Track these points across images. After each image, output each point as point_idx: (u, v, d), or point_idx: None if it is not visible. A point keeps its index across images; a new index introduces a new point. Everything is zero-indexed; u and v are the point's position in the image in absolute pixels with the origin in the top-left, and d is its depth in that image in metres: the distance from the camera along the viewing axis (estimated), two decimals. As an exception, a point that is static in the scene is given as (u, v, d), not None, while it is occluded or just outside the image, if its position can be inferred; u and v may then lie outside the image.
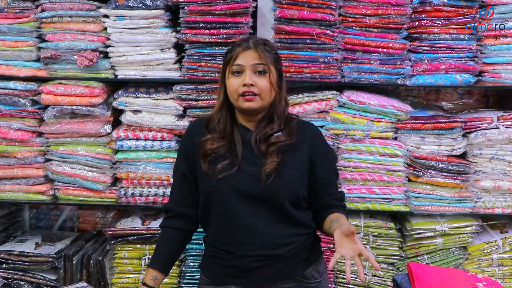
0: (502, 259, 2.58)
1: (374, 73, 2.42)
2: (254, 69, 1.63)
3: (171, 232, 1.79)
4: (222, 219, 1.68)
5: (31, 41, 2.46)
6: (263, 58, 1.63)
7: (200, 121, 1.80)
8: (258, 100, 1.63)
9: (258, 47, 1.64)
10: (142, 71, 2.45)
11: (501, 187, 2.51)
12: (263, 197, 1.64)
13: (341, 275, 2.60)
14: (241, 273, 1.69)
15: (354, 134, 2.46)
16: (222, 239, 1.71)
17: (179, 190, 1.78)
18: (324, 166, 1.75)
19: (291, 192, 1.66)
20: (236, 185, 1.64)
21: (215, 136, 1.69)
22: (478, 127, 2.49)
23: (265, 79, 1.63)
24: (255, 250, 1.66)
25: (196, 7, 2.35)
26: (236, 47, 1.66)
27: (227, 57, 1.68)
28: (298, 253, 1.71)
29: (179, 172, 1.77)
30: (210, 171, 1.66)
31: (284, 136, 1.67)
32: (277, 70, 1.68)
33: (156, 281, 1.75)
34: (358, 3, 2.36)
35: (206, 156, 1.68)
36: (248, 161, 1.66)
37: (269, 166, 1.62)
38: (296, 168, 1.68)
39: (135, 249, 2.57)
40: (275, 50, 1.72)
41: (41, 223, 3.03)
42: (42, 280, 2.57)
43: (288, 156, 1.67)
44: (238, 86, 1.62)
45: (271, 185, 1.63)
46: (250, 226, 1.65)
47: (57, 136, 2.52)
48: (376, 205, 2.51)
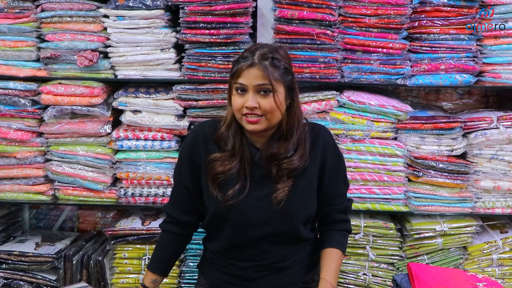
0: (502, 259, 2.58)
1: (374, 73, 2.42)
2: (258, 89, 1.50)
3: (170, 236, 1.75)
4: (229, 239, 1.64)
5: (31, 41, 2.46)
6: (267, 77, 1.49)
7: (205, 127, 1.68)
8: (263, 121, 1.52)
9: (262, 63, 1.49)
10: (142, 71, 2.45)
11: (501, 187, 2.50)
12: (273, 221, 1.59)
13: (341, 275, 2.59)
14: (243, 281, 1.68)
15: (354, 134, 2.46)
16: (226, 253, 1.68)
17: (180, 198, 1.72)
18: (333, 175, 1.67)
19: (303, 213, 1.62)
20: (245, 211, 1.58)
21: (225, 155, 1.59)
22: (478, 127, 2.49)
23: (270, 99, 1.51)
24: (260, 264, 1.65)
25: (196, 7, 2.35)
26: (241, 61, 1.52)
27: (232, 70, 1.55)
28: (300, 262, 1.70)
29: (182, 183, 1.68)
30: (220, 196, 1.57)
31: (297, 160, 1.57)
32: (286, 85, 1.54)
33: (156, 284, 1.74)
34: (358, 3, 2.36)
35: (215, 179, 1.58)
36: (257, 183, 1.59)
37: (280, 193, 1.55)
38: (307, 188, 1.62)
39: (135, 249, 2.57)
40: (285, 62, 1.55)
41: (41, 223, 3.03)
42: (42, 280, 2.57)
43: (299, 178, 1.59)
44: (241, 107, 1.52)
45: (283, 211, 1.57)
46: (257, 246, 1.62)
47: (57, 136, 2.52)
48: (376, 205, 2.51)
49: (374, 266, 2.56)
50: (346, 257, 2.57)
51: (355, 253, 2.56)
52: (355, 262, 2.57)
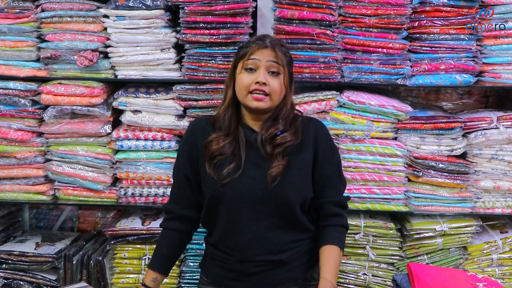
0: (502, 259, 2.58)
1: (374, 73, 2.42)
2: (269, 67, 1.60)
3: (171, 233, 1.77)
4: (225, 223, 1.67)
5: (31, 41, 2.46)
6: (279, 57, 1.60)
7: (202, 120, 1.76)
8: (268, 100, 1.60)
9: (275, 46, 1.61)
10: (142, 71, 2.45)
11: (501, 187, 2.51)
12: (268, 201, 1.61)
13: (341, 275, 2.59)
14: (242, 277, 1.68)
15: (354, 134, 2.46)
16: (224, 242, 1.69)
17: (180, 192, 1.76)
18: (324, 165, 1.70)
19: (298, 195, 1.64)
20: (240, 190, 1.61)
21: (220, 135, 1.66)
22: (478, 127, 2.49)
23: (278, 80, 1.61)
24: (257, 255, 1.65)
25: (196, 7, 2.35)
26: (252, 43, 1.62)
27: (240, 52, 1.63)
28: (300, 257, 1.71)
29: (181, 174, 1.73)
30: (216, 176, 1.62)
31: (289, 136, 1.64)
32: (289, 72, 1.66)
33: (156, 282, 1.75)
34: (358, 3, 2.36)
35: (212, 159, 1.64)
36: (252, 164, 1.63)
37: (275, 170, 1.59)
38: (302, 169, 1.66)
39: (135, 249, 2.57)
40: (289, 53, 1.69)
41: (41, 223, 3.03)
42: (42, 280, 2.57)
43: (293, 157, 1.64)
44: (250, 83, 1.59)
45: (277, 188, 1.60)
46: (253, 232, 1.64)
47: (57, 136, 2.52)
48: (376, 205, 2.51)
49: (374, 266, 2.56)
50: (346, 257, 2.57)
51: (355, 253, 2.56)
52: (355, 262, 2.57)
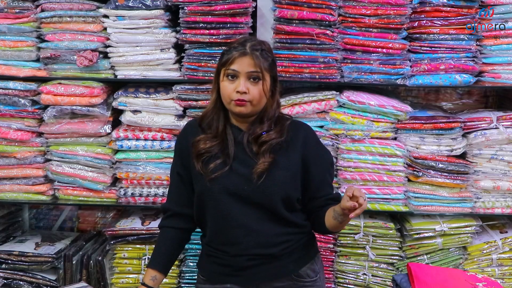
0: (501, 259, 2.58)
1: (373, 73, 2.42)
2: (249, 76, 1.63)
3: (169, 232, 1.80)
4: (216, 219, 1.70)
5: (31, 41, 2.46)
6: (258, 65, 1.63)
7: (193, 122, 1.82)
8: (249, 106, 1.64)
9: (254, 53, 1.63)
10: (142, 71, 2.45)
11: (500, 187, 2.51)
12: (254, 197, 1.66)
13: (340, 275, 2.60)
14: (236, 271, 1.71)
15: (354, 134, 2.46)
16: (217, 239, 1.73)
17: (176, 190, 1.80)
18: (318, 165, 1.75)
19: (282, 193, 1.67)
20: (228, 185, 1.66)
21: (208, 136, 1.71)
22: (478, 127, 2.49)
23: (258, 87, 1.64)
24: (249, 249, 1.68)
25: (196, 7, 2.35)
26: (233, 50, 1.65)
27: (223, 58, 1.67)
28: (292, 252, 1.72)
29: (175, 171, 1.79)
30: (203, 171, 1.67)
31: (274, 133, 1.68)
32: (272, 76, 1.68)
33: (156, 281, 1.75)
34: (357, 3, 2.36)
35: (199, 156, 1.69)
36: (240, 161, 1.68)
37: (260, 166, 1.64)
38: (288, 168, 1.69)
39: (135, 249, 2.57)
40: (272, 55, 1.71)
41: (41, 223, 3.03)
42: (42, 280, 2.57)
43: (280, 156, 1.68)
44: (231, 92, 1.63)
45: (262, 185, 1.64)
46: (242, 225, 1.67)
47: (57, 136, 2.52)
48: (375, 205, 2.51)
49: (374, 266, 2.56)
50: (345, 257, 2.57)
51: (355, 253, 2.56)
52: (355, 262, 2.57)
